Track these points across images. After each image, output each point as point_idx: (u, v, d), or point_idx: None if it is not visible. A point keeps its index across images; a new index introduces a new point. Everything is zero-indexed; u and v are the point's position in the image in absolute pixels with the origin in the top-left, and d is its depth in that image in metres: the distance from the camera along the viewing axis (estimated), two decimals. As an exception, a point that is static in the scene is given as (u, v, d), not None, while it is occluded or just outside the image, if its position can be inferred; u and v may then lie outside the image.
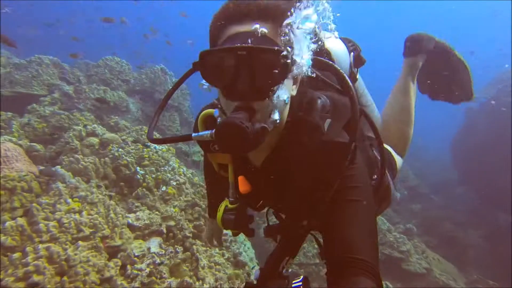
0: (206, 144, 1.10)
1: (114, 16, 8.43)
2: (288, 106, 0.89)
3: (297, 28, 0.83)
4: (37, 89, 5.74)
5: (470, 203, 8.98)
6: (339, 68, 0.96)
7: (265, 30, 0.78)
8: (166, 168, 4.32)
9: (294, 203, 1.07)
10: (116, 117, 5.89)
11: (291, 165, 0.97)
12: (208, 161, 1.32)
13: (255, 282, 1.09)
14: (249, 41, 0.76)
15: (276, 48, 0.76)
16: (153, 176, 4.10)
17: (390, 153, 1.61)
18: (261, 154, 1.00)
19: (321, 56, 0.99)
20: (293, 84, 0.90)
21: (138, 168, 4.13)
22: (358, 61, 1.37)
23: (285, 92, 0.84)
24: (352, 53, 1.33)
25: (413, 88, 1.81)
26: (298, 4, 0.86)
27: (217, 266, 3.53)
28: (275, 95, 0.81)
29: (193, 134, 0.93)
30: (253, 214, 1.22)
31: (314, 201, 0.95)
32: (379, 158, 1.21)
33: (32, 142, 4.19)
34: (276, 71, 0.77)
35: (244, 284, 1.13)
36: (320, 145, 0.92)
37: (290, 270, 1.11)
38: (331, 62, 0.98)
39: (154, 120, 1.10)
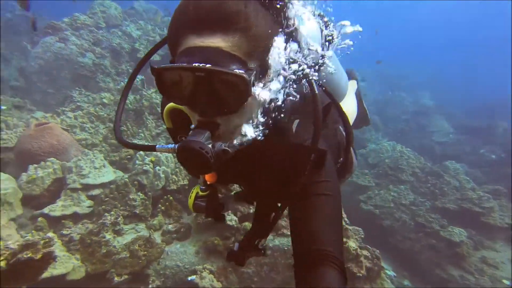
0: (172, 134, 1.10)
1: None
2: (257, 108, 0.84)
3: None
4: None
5: None
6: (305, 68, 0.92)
7: (226, 44, 0.70)
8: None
9: (260, 193, 1.15)
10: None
11: (260, 163, 1.00)
12: None
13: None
14: (208, 59, 0.69)
15: (235, 71, 0.69)
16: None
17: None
18: None
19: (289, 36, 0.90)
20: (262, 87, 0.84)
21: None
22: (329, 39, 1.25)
23: (252, 102, 0.78)
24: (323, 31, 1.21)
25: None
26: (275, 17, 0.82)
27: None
28: (239, 109, 0.77)
29: (157, 146, 0.93)
30: (223, 202, 1.26)
31: (279, 194, 1.03)
32: (345, 138, 1.23)
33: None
34: (236, 94, 0.74)
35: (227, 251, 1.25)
36: (287, 147, 0.95)
37: (264, 244, 1.21)
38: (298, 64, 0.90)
39: (117, 116, 1.06)
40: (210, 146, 0.74)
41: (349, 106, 1.83)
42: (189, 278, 3.45)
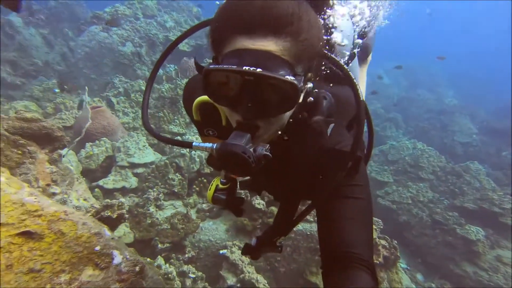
0: (200, 127, 1.08)
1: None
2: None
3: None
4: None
5: None
6: (345, 67, 0.87)
7: (277, 48, 0.69)
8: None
9: (286, 193, 1.16)
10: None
11: (290, 163, 0.98)
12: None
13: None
14: (258, 63, 0.67)
15: (286, 77, 0.68)
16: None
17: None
18: None
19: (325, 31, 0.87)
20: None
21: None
22: (360, 37, 1.24)
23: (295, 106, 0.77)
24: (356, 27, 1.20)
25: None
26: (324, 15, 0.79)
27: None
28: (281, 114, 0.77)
29: (194, 144, 0.89)
30: (243, 196, 1.32)
31: (308, 195, 1.03)
32: (368, 137, 1.22)
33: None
34: (284, 99, 0.73)
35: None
36: (321, 151, 0.93)
37: (282, 242, 1.20)
38: (337, 59, 0.88)
39: (145, 101, 1.04)
40: (251, 150, 0.73)
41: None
42: (221, 252, 3.87)
